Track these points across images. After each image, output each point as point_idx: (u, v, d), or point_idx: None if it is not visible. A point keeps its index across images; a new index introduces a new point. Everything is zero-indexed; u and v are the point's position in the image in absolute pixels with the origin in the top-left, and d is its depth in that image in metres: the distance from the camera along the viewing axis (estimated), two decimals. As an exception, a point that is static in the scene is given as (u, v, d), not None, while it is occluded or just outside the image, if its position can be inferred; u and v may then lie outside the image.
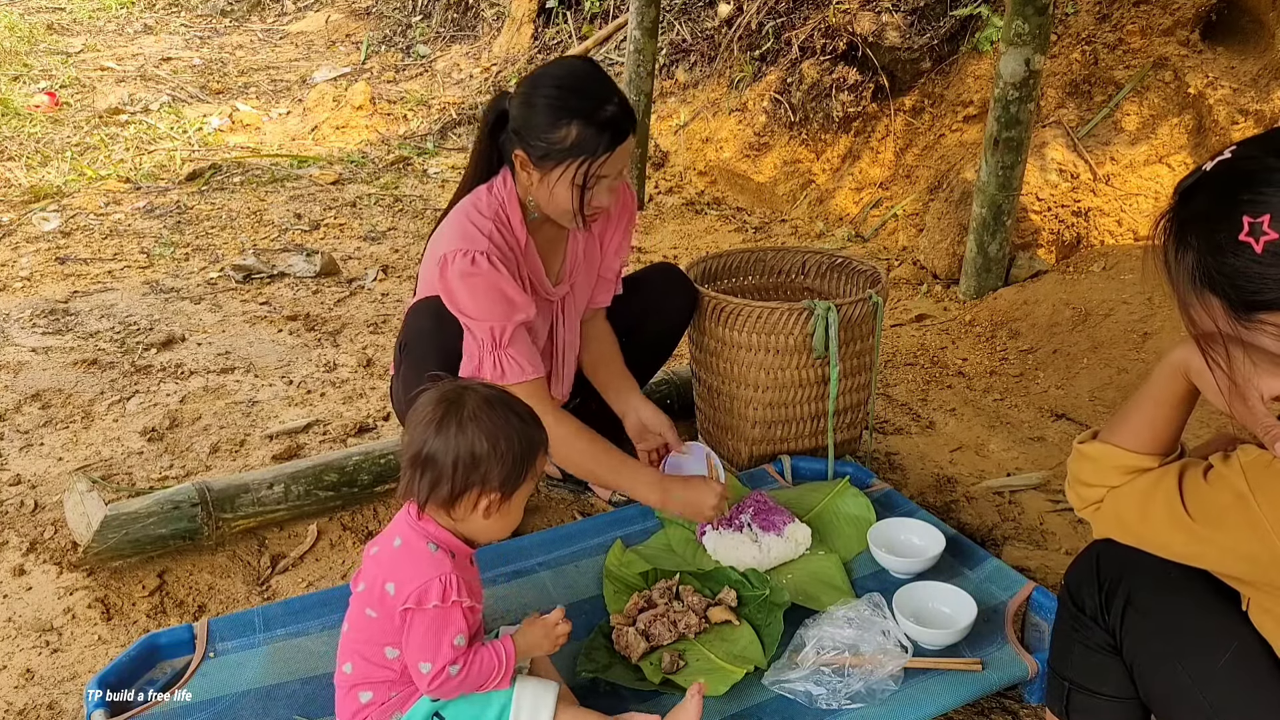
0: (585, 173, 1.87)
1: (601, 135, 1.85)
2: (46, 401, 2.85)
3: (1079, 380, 2.96)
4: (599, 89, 1.89)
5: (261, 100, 6.81)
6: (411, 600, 1.36)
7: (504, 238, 1.96)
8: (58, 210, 4.54)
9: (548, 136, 1.86)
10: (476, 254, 1.88)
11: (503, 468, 1.39)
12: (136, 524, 2.08)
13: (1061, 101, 3.87)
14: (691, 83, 5.27)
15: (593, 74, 1.92)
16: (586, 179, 1.88)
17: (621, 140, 1.89)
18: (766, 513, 2.00)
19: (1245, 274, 0.97)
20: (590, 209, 1.94)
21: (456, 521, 1.43)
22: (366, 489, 2.33)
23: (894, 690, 1.60)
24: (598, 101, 1.86)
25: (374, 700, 1.43)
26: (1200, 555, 1.19)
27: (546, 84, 1.89)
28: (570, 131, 1.84)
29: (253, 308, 3.58)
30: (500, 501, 1.42)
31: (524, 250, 2.03)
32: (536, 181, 1.92)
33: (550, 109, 1.86)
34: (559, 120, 1.85)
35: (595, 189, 1.91)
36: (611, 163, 1.89)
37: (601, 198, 1.94)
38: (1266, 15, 3.75)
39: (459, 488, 1.39)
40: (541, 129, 1.86)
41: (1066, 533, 2.27)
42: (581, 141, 1.85)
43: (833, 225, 4.31)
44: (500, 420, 1.41)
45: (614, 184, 1.95)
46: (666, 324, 2.35)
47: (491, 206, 1.97)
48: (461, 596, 1.38)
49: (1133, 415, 1.27)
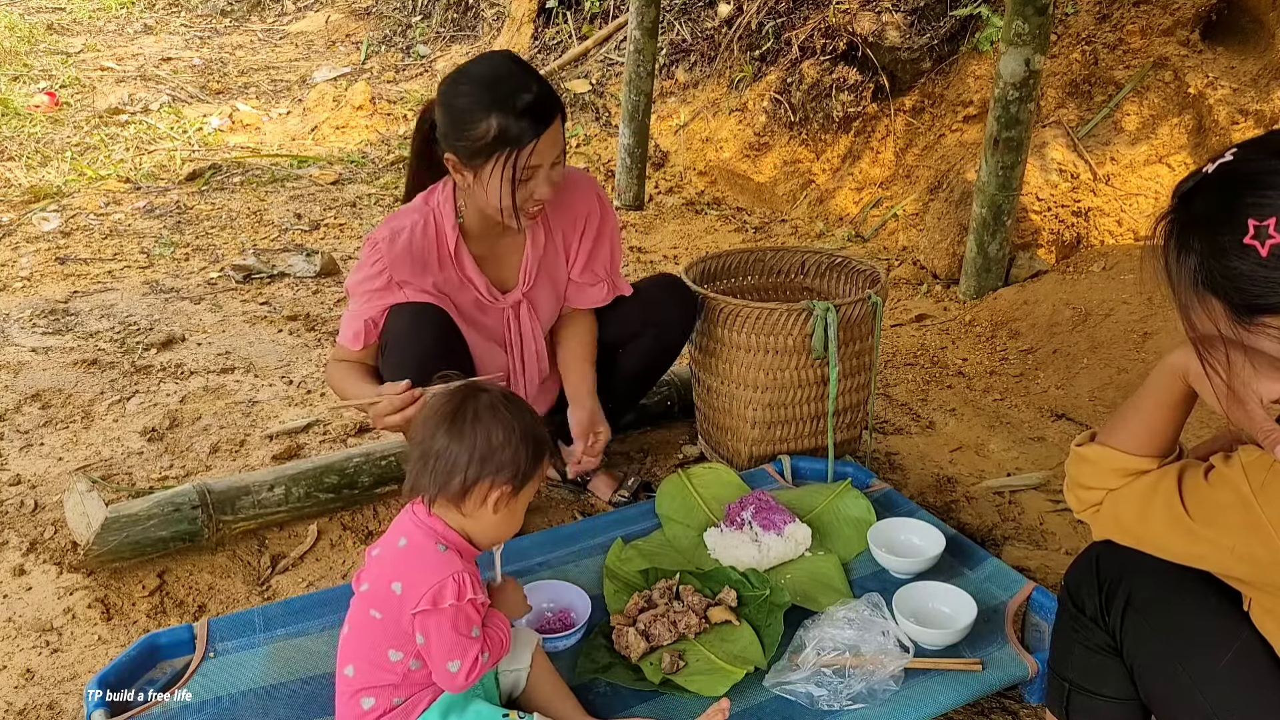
0: (514, 165, 1.85)
1: (522, 123, 1.83)
2: (46, 401, 2.85)
3: (1079, 380, 2.96)
4: (514, 78, 1.87)
5: (261, 100, 6.81)
6: (426, 602, 1.36)
7: (419, 237, 1.99)
8: (58, 210, 4.54)
9: (470, 134, 1.85)
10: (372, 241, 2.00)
11: (516, 460, 1.40)
12: (137, 526, 2.08)
13: (1061, 101, 3.87)
14: (691, 83, 5.27)
15: (506, 64, 1.91)
16: (516, 171, 1.86)
17: (545, 126, 1.86)
18: (767, 512, 2.00)
19: (1249, 277, 0.97)
20: (532, 203, 1.93)
21: (465, 517, 1.43)
22: (367, 491, 2.33)
23: (894, 690, 1.60)
24: (513, 90, 1.84)
25: (376, 706, 1.42)
26: (1201, 556, 1.19)
27: (463, 82, 1.89)
28: (490, 125, 1.83)
29: (253, 308, 3.58)
30: (510, 496, 1.42)
31: (453, 253, 2.03)
32: (472, 182, 1.91)
33: (468, 107, 1.85)
34: (477, 116, 1.84)
35: (531, 181, 1.90)
36: (539, 151, 1.87)
37: (540, 189, 1.91)
38: (1266, 15, 3.75)
39: (472, 479, 1.39)
40: (463, 128, 1.86)
41: (1066, 533, 2.27)
42: (503, 134, 1.83)
43: (833, 225, 4.31)
44: (515, 414, 1.43)
45: (553, 175, 1.92)
46: (665, 338, 2.32)
47: (423, 210, 2.02)
48: (477, 593, 1.39)
49: (1131, 417, 1.27)
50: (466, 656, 1.38)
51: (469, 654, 1.38)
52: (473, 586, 1.39)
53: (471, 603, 1.38)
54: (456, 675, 1.38)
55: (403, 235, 1.99)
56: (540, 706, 1.54)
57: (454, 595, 1.36)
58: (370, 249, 2.00)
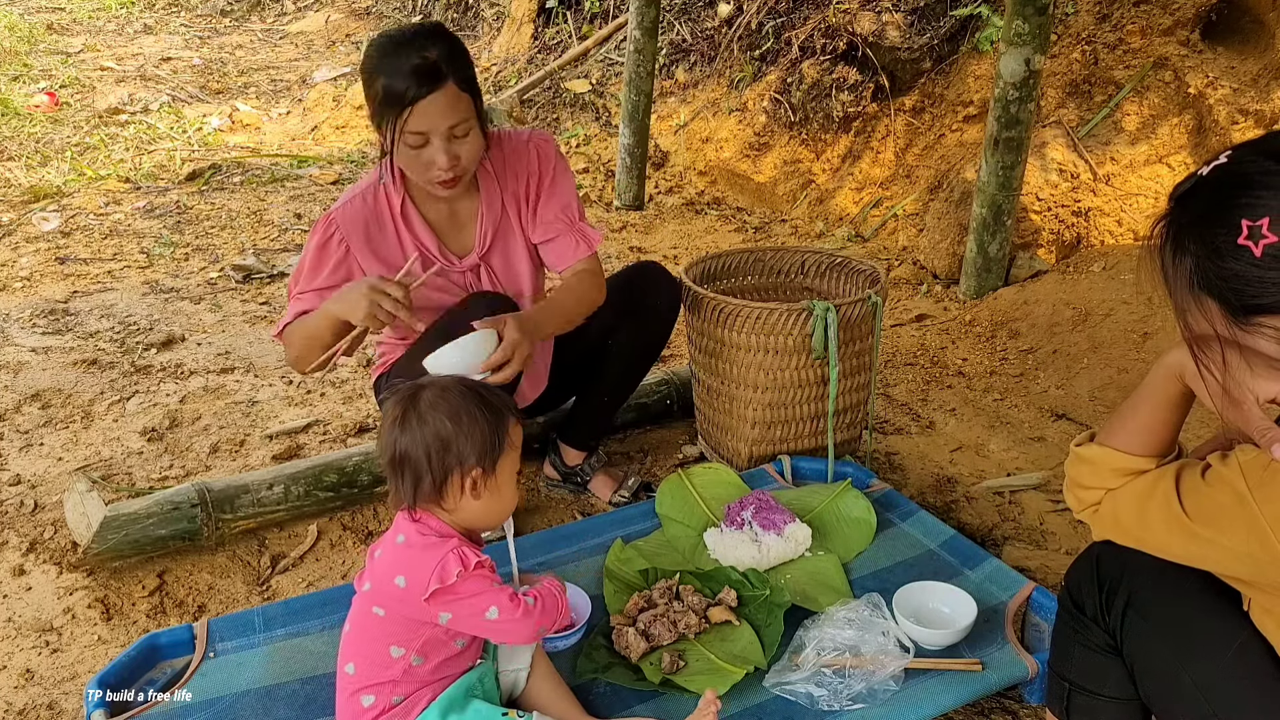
0: (398, 129, 1.83)
1: (405, 88, 1.79)
2: (46, 401, 2.85)
3: (1079, 380, 2.96)
4: (408, 44, 1.83)
5: (261, 100, 6.81)
6: (434, 580, 1.36)
7: (370, 204, 2.01)
8: (58, 210, 4.54)
9: (370, 99, 1.87)
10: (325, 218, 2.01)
11: (474, 441, 1.40)
12: (136, 525, 2.08)
13: (1061, 101, 3.87)
14: (691, 83, 5.27)
15: (411, 31, 1.88)
16: (397, 135, 1.83)
17: (429, 90, 1.79)
18: (767, 511, 2.00)
19: (1244, 278, 0.97)
20: (429, 170, 1.88)
21: (451, 512, 1.44)
22: (366, 489, 2.33)
23: (894, 690, 1.60)
24: (406, 53, 1.81)
25: (376, 704, 1.43)
26: (1200, 556, 1.19)
27: (369, 50, 1.90)
28: (377, 90, 1.83)
29: (253, 308, 3.58)
30: (485, 477, 1.42)
31: (397, 219, 2.04)
32: (389, 145, 1.90)
33: (366, 71, 1.87)
34: (370, 81, 1.86)
35: (426, 149, 1.85)
36: (415, 119, 1.81)
37: (438, 157, 1.86)
38: (1266, 15, 3.75)
39: (439, 475, 1.39)
40: (366, 89, 1.88)
41: (1066, 533, 2.27)
42: (388, 97, 1.82)
43: (833, 225, 4.31)
44: (458, 399, 1.42)
45: (455, 147, 1.87)
46: (650, 325, 2.30)
47: (373, 178, 2.03)
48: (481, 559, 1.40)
49: (1129, 418, 1.27)
50: (500, 601, 1.38)
51: (501, 599, 1.38)
52: (476, 555, 1.40)
53: (480, 566, 1.39)
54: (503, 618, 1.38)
55: (354, 201, 2.02)
56: (540, 706, 1.54)
57: (458, 565, 1.37)
58: (323, 224, 2.02)
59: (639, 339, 2.30)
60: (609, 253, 4.13)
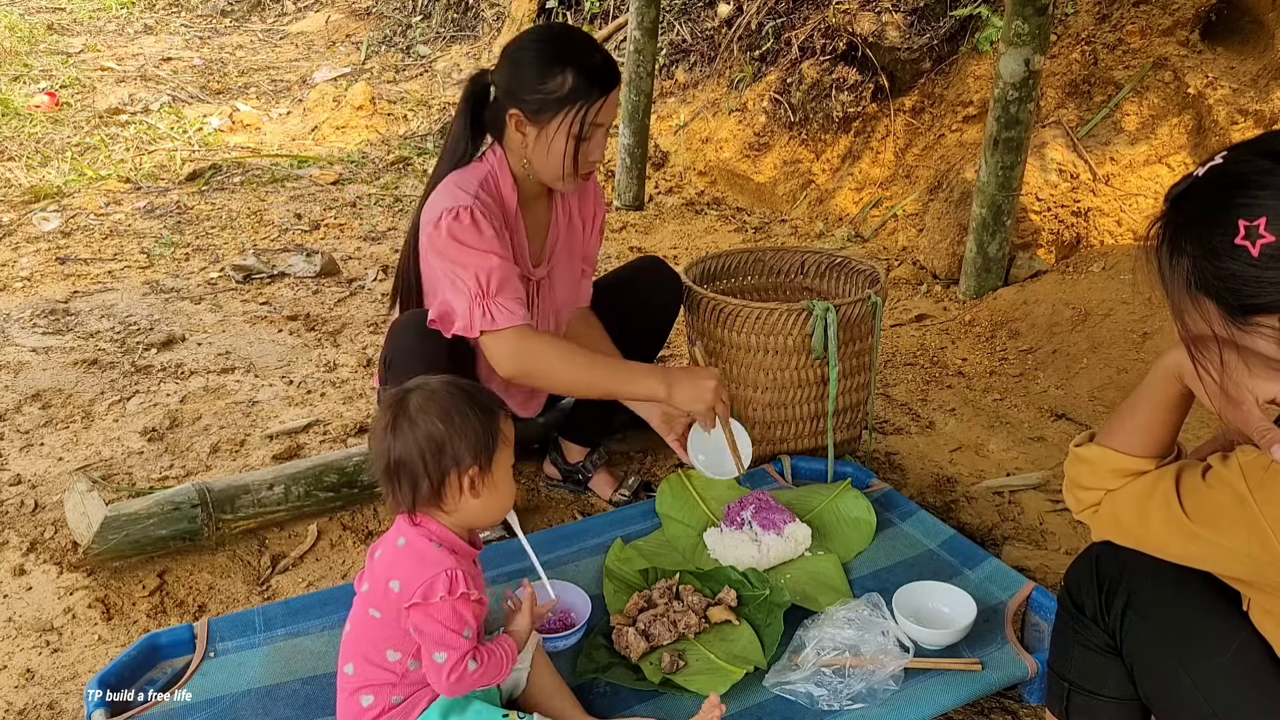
0: (582, 120, 1.91)
1: (594, 80, 1.90)
2: (46, 401, 2.86)
3: (1079, 380, 2.96)
4: (586, 40, 1.98)
5: (262, 100, 6.81)
6: (418, 595, 1.36)
7: (494, 195, 2.00)
8: (58, 210, 4.54)
9: (542, 87, 1.90)
10: (460, 209, 1.87)
11: (468, 440, 1.39)
12: (136, 525, 2.08)
13: (1061, 101, 3.87)
14: (691, 83, 5.27)
15: (574, 29, 1.99)
16: (583, 126, 1.92)
17: (613, 87, 1.94)
18: (767, 511, 2.00)
19: (1242, 277, 0.97)
20: (586, 164, 1.98)
21: (451, 514, 1.43)
22: (366, 489, 2.33)
23: (894, 690, 1.60)
24: (587, 49, 1.93)
25: (375, 704, 1.43)
26: (1200, 556, 1.19)
27: (531, 41, 1.96)
28: (565, 79, 1.89)
29: (253, 308, 3.58)
30: (482, 474, 1.41)
31: (514, 217, 2.05)
32: (534, 139, 1.94)
33: (540, 60, 1.90)
34: (552, 69, 1.89)
35: (590, 140, 1.95)
36: (605, 110, 1.94)
37: (594, 151, 1.98)
38: (1266, 15, 3.75)
39: (437, 478, 1.39)
40: (535, 81, 1.90)
41: (1066, 533, 2.27)
42: (576, 87, 1.89)
43: (832, 225, 4.31)
44: (447, 399, 1.41)
45: (604, 140, 1.99)
46: (653, 319, 2.34)
47: (479, 174, 2.00)
48: (469, 589, 1.38)
49: (1128, 418, 1.27)
50: (452, 653, 1.37)
51: (455, 650, 1.37)
52: (466, 583, 1.38)
53: (464, 598, 1.38)
54: (442, 669, 1.37)
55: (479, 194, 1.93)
56: (540, 706, 1.54)
57: (445, 589, 1.36)
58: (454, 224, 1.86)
59: (642, 332, 2.32)
60: (609, 253, 4.13)
